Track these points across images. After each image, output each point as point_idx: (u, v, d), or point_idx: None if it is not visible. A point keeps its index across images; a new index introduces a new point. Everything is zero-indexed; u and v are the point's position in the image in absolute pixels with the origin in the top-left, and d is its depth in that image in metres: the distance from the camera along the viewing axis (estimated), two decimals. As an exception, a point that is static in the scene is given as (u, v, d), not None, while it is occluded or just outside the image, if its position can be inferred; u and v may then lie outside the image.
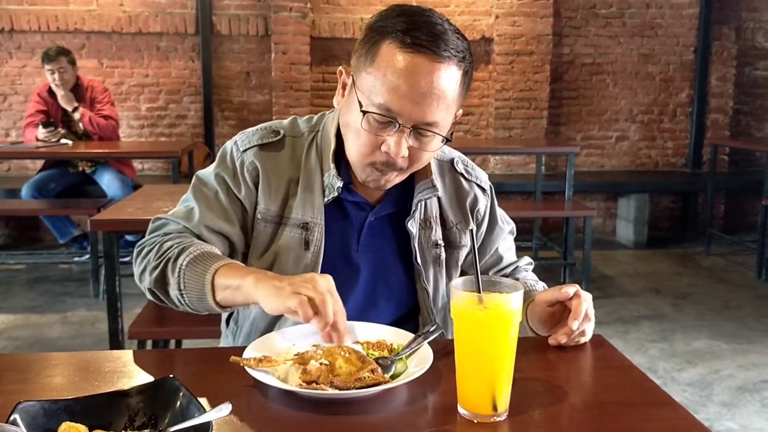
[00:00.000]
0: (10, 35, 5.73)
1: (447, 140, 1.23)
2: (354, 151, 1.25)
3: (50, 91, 4.79)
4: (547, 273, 4.69)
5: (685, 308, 4.35)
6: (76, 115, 4.77)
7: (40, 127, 4.59)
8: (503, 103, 6.16)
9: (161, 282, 1.23)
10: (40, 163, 5.04)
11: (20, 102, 5.84)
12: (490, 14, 6.07)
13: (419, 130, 1.18)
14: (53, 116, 4.74)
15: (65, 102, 4.72)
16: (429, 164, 1.34)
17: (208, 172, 1.35)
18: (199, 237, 1.29)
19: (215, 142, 6.01)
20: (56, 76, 4.72)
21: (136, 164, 5.63)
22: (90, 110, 4.82)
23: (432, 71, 1.14)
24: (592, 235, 4.57)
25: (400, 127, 1.17)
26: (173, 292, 1.21)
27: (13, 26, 5.67)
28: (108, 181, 4.77)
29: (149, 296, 1.27)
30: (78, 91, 4.83)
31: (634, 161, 6.56)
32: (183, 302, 1.21)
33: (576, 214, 4.63)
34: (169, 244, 1.24)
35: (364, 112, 1.18)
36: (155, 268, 1.23)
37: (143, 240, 1.31)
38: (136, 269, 1.28)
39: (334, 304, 1.03)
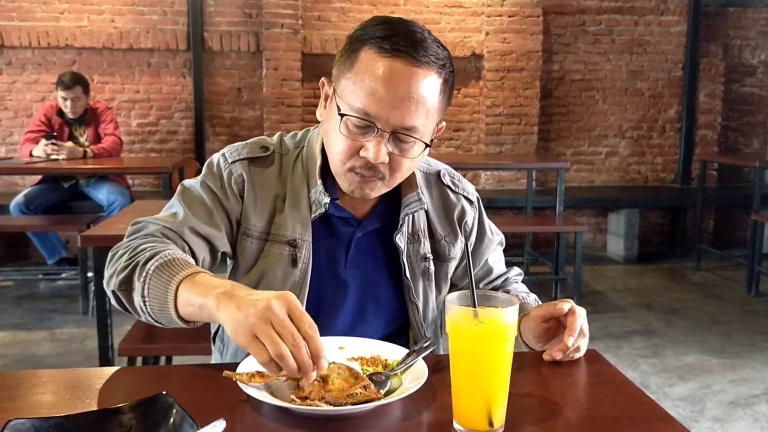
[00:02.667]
0: (1, 51, 5.73)
1: (427, 146, 1.22)
2: (334, 157, 1.24)
3: (58, 113, 4.76)
4: (539, 288, 4.68)
5: (676, 323, 4.35)
6: (83, 140, 4.77)
7: (43, 140, 4.53)
8: (494, 119, 6.19)
9: (127, 285, 1.14)
10: (29, 179, 5.00)
11: (10, 118, 5.83)
12: (481, 31, 6.12)
13: (398, 135, 1.18)
14: (59, 137, 4.70)
15: (70, 155, 4.59)
16: (415, 177, 1.34)
17: (194, 181, 1.33)
18: (181, 238, 1.24)
19: (206, 157, 5.92)
20: (69, 103, 4.69)
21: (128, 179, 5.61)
22: (95, 131, 4.80)
23: (410, 76, 1.14)
24: (582, 251, 4.59)
25: (378, 131, 1.16)
26: (137, 298, 1.12)
27: (3, 42, 5.67)
28: (107, 193, 4.74)
29: (113, 300, 1.19)
30: (85, 116, 4.82)
31: (623, 177, 6.60)
32: (145, 311, 1.12)
33: (567, 230, 4.65)
34: (143, 246, 1.17)
35: (342, 115, 1.17)
36: (123, 269, 1.15)
37: (118, 244, 1.23)
38: (106, 273, 1.20)
39: (298, 332, 0.94)
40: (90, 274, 4.21)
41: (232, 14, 5.94)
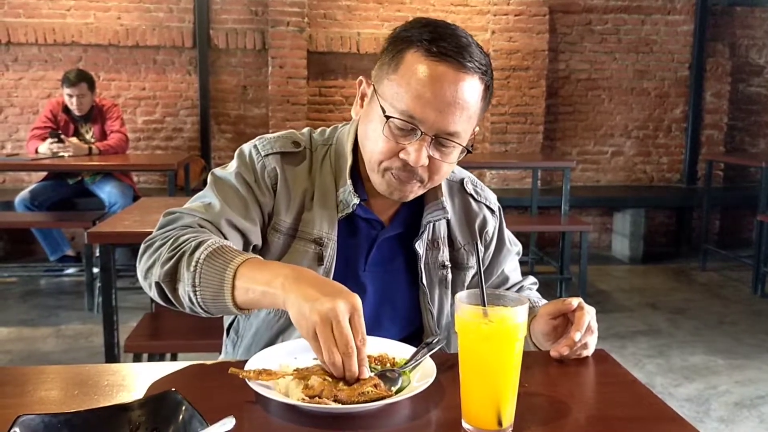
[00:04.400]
0: (7, 48, 5.73)
1: (468, 151, 1.22)
2: (371, 157, 1.22)
3: (64, 110, 4.76)
4: (544, 288, 4.66)
5: (681, 323, 4.34)
6: (88, 137, 4.78)
7: (49, 139, 4.53)
8: (499, 118, 6.18)
9: (172, 277, 1.12)
10: (35, 175, 5.00)
11: (16, 114, 5.84)
12: (487, 30, 6.11)
13: (440, 139, 1.17)
14: (65, 134, 4.69)
15: (76, 152, 4.56)
16: (440, 185, 1.33)
17: (227, 171, 1.30)
18: (219, 231, 1.21)
19: (212, 155, 6.01)
20: (74, 100, 4.69)
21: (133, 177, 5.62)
22: (101, 128, 4.81)
23: (457, 81, 1.14)
24: (587, 250, 4.58)
25: (422, 135, 1.16)
26: (185, 288, 1.10)
27: (9, 38, 5.67)
28: (110, 191, 4.75)
29: (154, 293, 1.15)
30: (92, 113, 4.82)
31: (629, 176, 6.59)
32: (195, 301, 1.10)
33: (572, 229, 4.64)
34: (186, 237, 1.14)
35: (388, 117, 1.16)
36: (168, 260, 1.12)
37: (153, 235, 1.20)
38: (142, 265, 1.17)
39: (353, 342, 0.97)
40: (96, 270, 4.22)
41: (238, 12, 5.94)
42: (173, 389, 0.92)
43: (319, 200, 1.29)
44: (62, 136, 4.54)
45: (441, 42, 1.14)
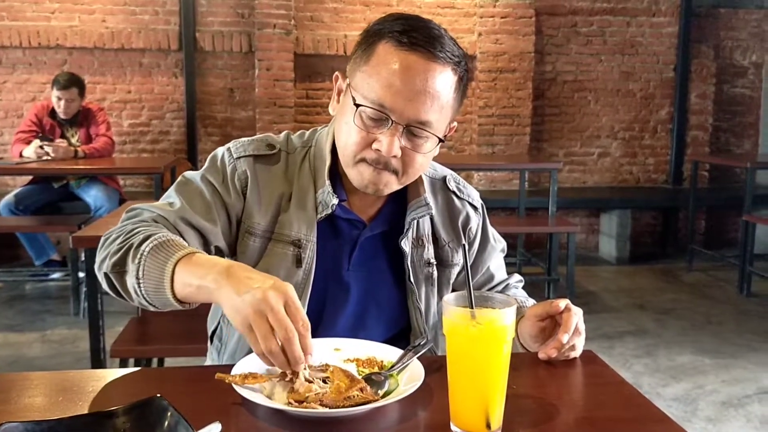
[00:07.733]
0: (-9, 51, 5.69)
1: (441, 141, 1.22)
2: (345, 149, 1.22)
3: (50, 114, 4.72)
4: (532, 289, 4.66)
5: (668, 324, 4.36)
6: (74, 141, 4.75)
7: (36, 141, 4.49)
8: (486, 120, 6.19)
9: (120, 268, 1.13)
10: (20, 179, 4.96)
11: (0, 118, 5.78)
12: (473, 32, 6.12)
13: (412, 129, 1.17)
14: (50, 138, 4.65)
15: (63, 155, 4.53)
16: (422, 182, 1.33)
17: (195, 173, 1.31)
18: (174, 228, 1.22)
19: (198, 158, 5.98)
20: (62, 103, 4.65)
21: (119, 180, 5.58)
22: (86, 132, 4.77)
23: (427, 70, 1.15)
24: (575, 251, 4.59)
25: (392, 124, 1.16)
26: (130, 280, 1.11)
27: (-7, 42, 5.63)
28: (95, 194, 4.72)
29: (104, 284, 1.18)
30: (77, 117, 4.79)
31: (615, 177, 6.62)
32: (139, 293, 1.11)
33: (560, 230, 4.65)
34: (136, 229, 1.16)
35: (358, 106, 1.17)
36: (117, 251, 1.14)
37: (111, 229, 1.21)
38: (98, 257, 1.19)
39: (292, 325, 0.95)
40: (81, 275, 4.19)
41: (225, 14, 5.92)
42: (158, 395, 0.91)
43: (296, 202, 1.29)
44: (49, 143, 4.51)
45: (412, 33, 1.15)
